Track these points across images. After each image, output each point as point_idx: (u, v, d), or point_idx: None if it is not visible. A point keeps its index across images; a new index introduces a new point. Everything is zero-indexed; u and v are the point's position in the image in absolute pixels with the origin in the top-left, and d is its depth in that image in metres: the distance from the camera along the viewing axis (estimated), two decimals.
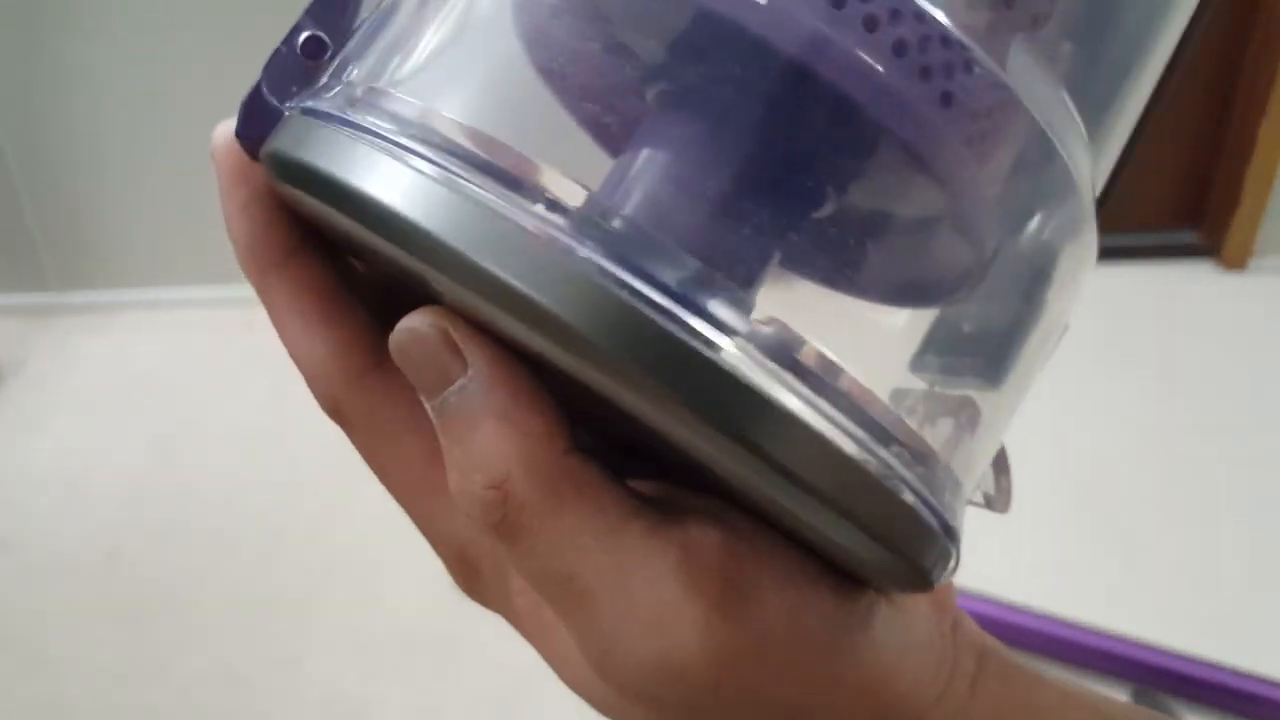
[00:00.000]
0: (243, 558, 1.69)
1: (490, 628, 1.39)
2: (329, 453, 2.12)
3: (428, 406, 0.19)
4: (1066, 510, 1.72)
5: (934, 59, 0.16)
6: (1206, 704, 1.40)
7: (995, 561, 1.29)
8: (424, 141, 0.16)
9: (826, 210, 0.17)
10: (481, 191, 0.15)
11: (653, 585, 0.18)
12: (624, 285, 0.15)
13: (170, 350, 2.27)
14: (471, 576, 0.22)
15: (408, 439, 0.21)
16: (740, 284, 0.16)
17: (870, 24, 0.16)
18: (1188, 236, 2.49)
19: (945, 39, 0.16)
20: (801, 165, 0.16)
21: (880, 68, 0.16)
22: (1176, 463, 1.83)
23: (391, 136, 0.16)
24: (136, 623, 1.58)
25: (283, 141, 0.19)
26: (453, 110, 0.17)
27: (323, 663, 1.50)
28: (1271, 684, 1.37)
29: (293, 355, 0.22)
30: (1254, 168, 2.30)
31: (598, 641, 0.19)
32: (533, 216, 0.15)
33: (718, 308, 0.15)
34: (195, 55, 2.12)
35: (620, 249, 0.15)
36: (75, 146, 2.24)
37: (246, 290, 0.26)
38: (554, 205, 0.15)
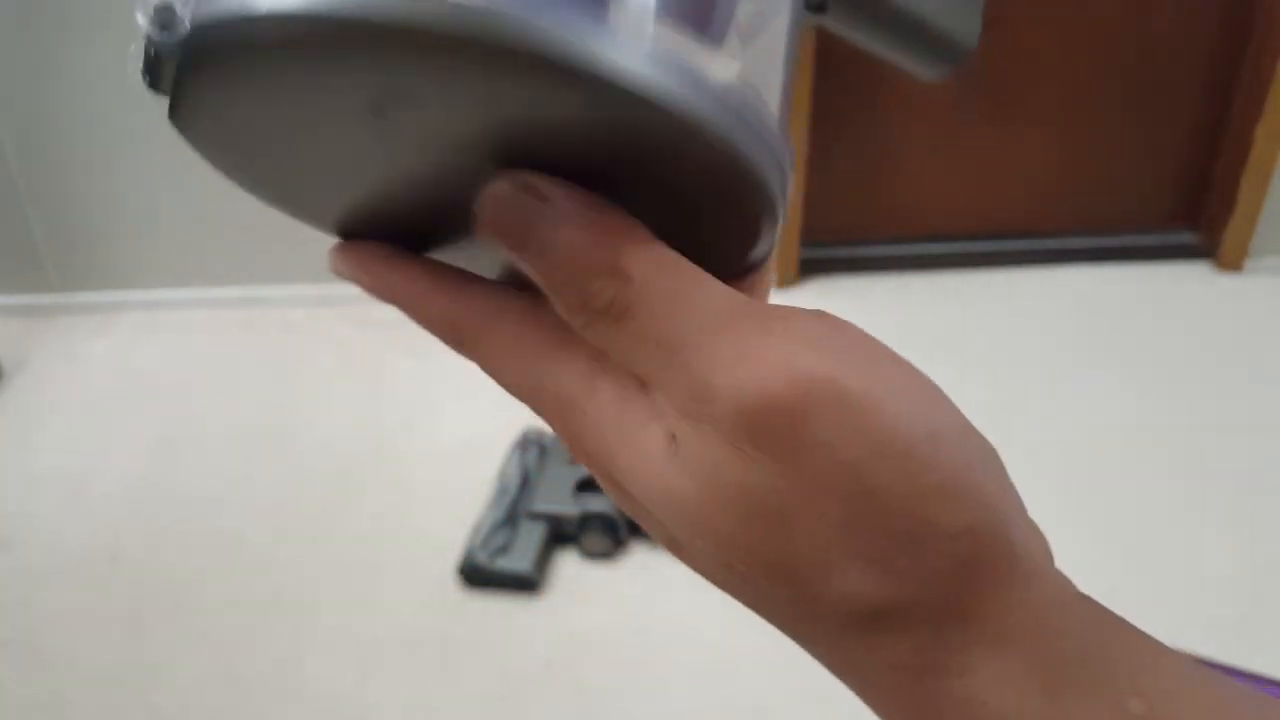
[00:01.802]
0: (243, 558, 1.69)
1: (491, 627, 1.41)
2: (329, 454, 2.14)
3: (525, 261, 0.21)
4: (1064, 509, 1.73)
5: None
6: None
7: None
8: None
9: None
10: None
11: (741, 325, 0.20)
12: None
13: (171, 351, 2.27)
14: (569, 416, 0.23)
15: (510, 315, 0.23)
16: None
17: None
18: (1184, 238, 2.50)
19: None
20: None
21: None
22: (1173, 462, 1.84)
23: None
24: (137, 622, 1.58)
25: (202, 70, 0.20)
26: None
27: (323, 663, 1.50)
28: (1269, 682, 1.37)
29: (413, 308, 0.25)
30: (1250, 170, 2.31)
31: (692, 386, 0.20)
32: None
33: None
34: None
35: None
36: (78, 149, 2.25)
37: (247, 291, 0.27)
38: None
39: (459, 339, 0.24)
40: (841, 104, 2.31)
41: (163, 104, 0.21)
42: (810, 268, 2.45)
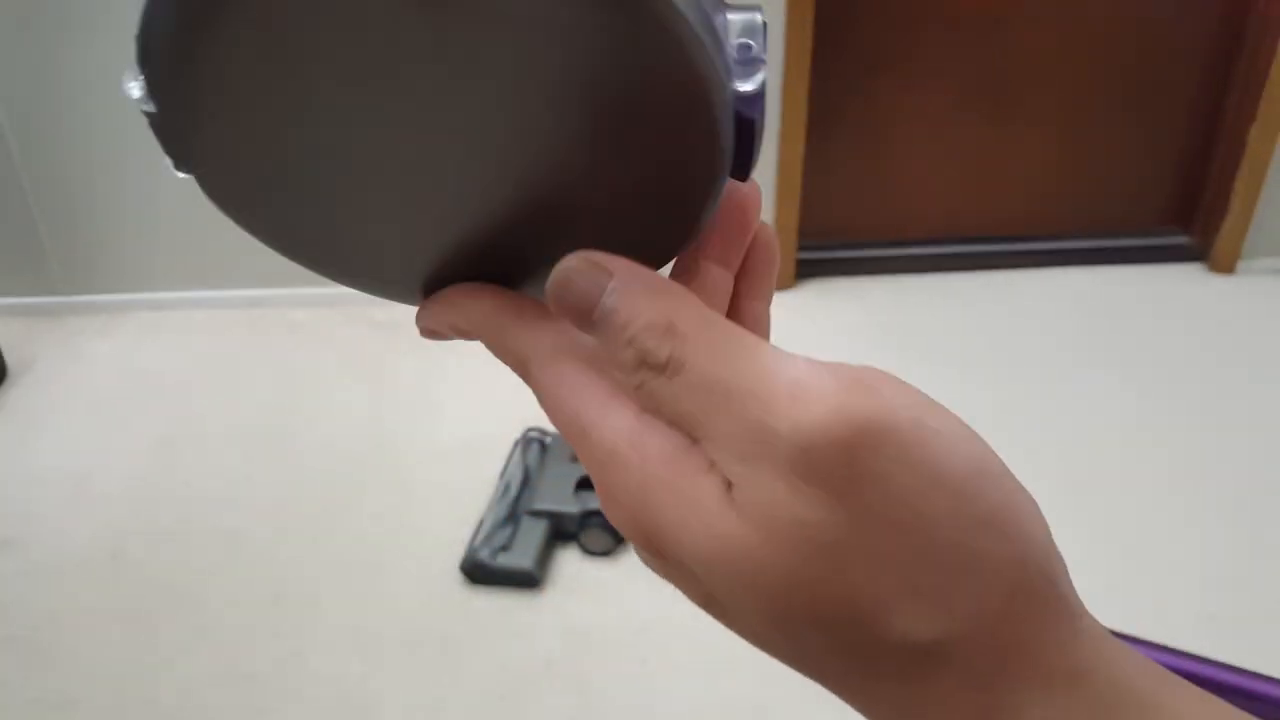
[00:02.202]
0: (247, 556, 1.70)
1: (493, 624, 1.43)
2: (332, 453, 2.16)
3: (590, 328, 0.23)
4: (1060, 509, 1.74)
5: None
6: None
7: None
8: None
9: None
10: None
11: (792, 370, 0.22)
12: None
13: (175, 351, 2.28)
14: (609, 463, 0.24)
15: (571, 358, 0.25)
16: None
17: None
18: (1178, 240, 2.52)
19: None
20: None
21: None
22: (1168, 461, 1.85)
23: None
24: (142, 620, 1.59)
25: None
26: None
27: (325, 661, 1.51)
28: (1265, 680, 1.38)
29: (490, 338, 0.27)
30: (1243, 173, 2.33)
31: (749, 428, 0.21)
32: None
33: None
34: None
35: None
36: (83, 151, 2.26)
37: (250, 292, 0.30)
38: None
39: (524, 372, 0.26)
40: (840, 105, 2.33)
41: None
42: (808, 269, 2.46)
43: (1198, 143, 2.42)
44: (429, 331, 0.28)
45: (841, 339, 2.26)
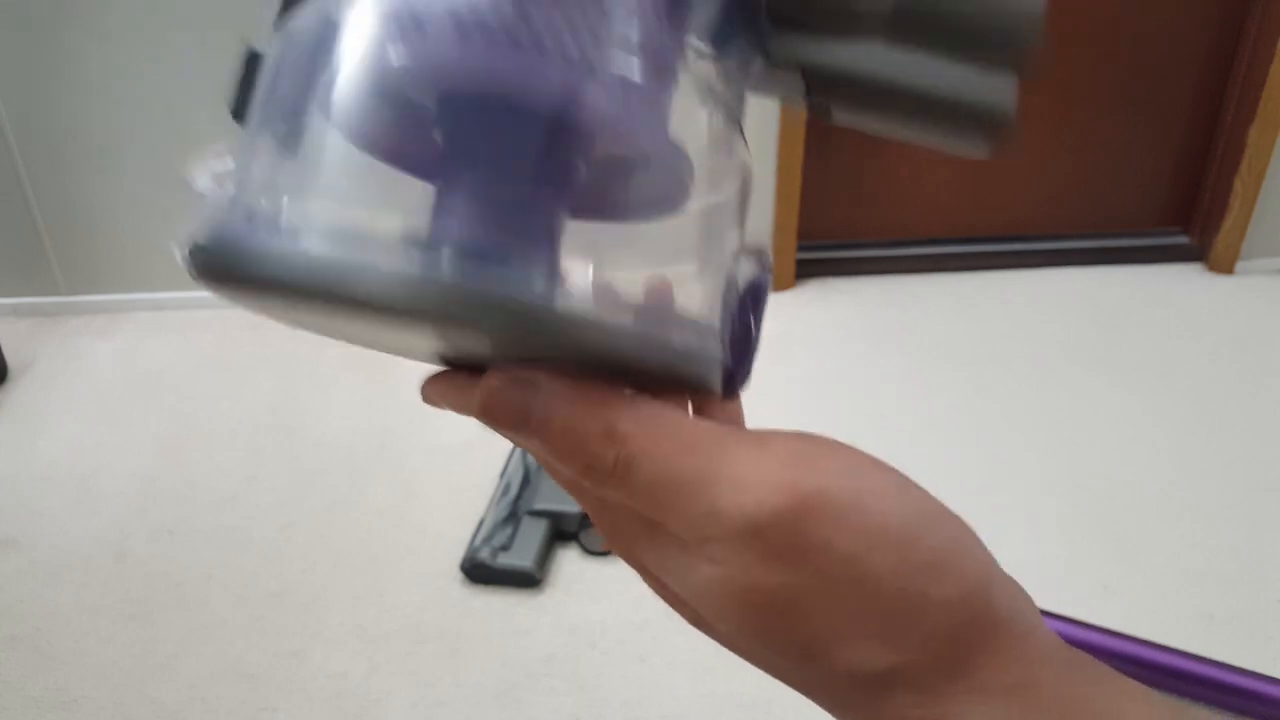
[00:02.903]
0: (249, 554, 1.71)
1: (494, 623, 1.43)
2: (334, 450, 2.15)
3: (527, 442, 0.24)
4: (1057, 508, 1.75)
5: (635, 91, 0.23)
6: (1197, 699, 1.41)
7: None
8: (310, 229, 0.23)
9: (586, 180, 0.24)
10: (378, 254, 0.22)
11: (730, 455, 0.23)
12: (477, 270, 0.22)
13: (177, 350, 2.29)
14: (613, 536, 0.27)
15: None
16: (544, 250, 0.23)
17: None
18: (1178, 240, 2.52)
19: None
20: (563, 167, 0.24)
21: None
22: (1166, 461, 1.86)
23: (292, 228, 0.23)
24: (143, 619, 1.60)
25: (218, 254, 0.24)
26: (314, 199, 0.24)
27: (328, 659, 1.51)
28: (1263, 679, 1.38)
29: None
30: (1243, 173, 2.33)
31: (703, 516, 0.23)
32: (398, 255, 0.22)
33: (536, 271, 0.23)
34: (205, 60, 2.14)
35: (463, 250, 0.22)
36: (84, 151, 2.26)
37: None
38: (404, 247, 0.22)
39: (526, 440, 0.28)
40: None
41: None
42: (807, 269, 2.47)
43: (1198, 143, 2.42)
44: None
45: (841, 339, 2.26)
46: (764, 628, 0.24)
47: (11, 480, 1.91)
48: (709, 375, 0.25)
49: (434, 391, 0.29)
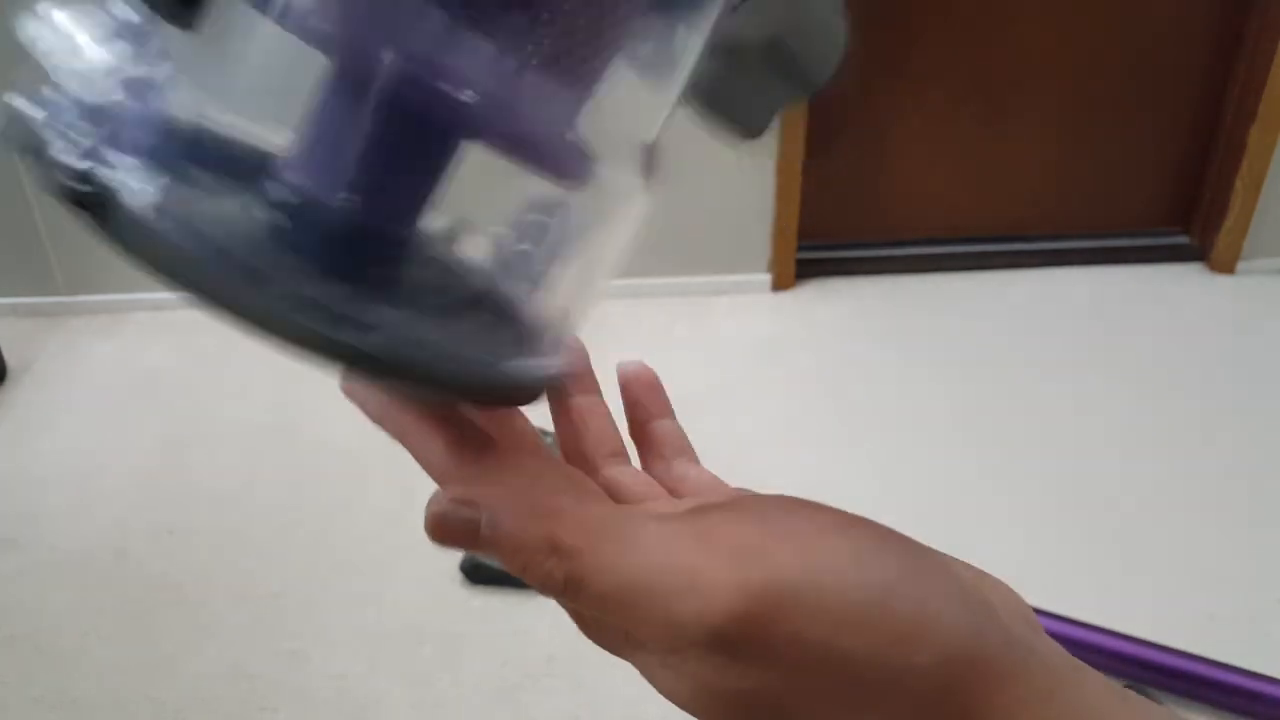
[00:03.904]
0: (250, 554, 1.71)
1: (494, 623, 1.43)
2: (334, 451, 2.15)
3: (482, 554, 0.25)
4: (1057, 509, 1.75)
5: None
6: (1198, 699, 1.41)
7: (989, 559, 1.31)
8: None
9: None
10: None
11: (680, 559, 0.23)
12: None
13: (178, 351, 2.29)
14: (591, 634, 0.29)
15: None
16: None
17: None
18: (1178, 240, 2.52)
19: None
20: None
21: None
22: (1168, 461, 1.86)
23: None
24: (145, 619, 1.60)
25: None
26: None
27: (328, 658, 1.51)
28: (1263, 679, 1.38)
29: (429, 469, 0.30)
30: (1244, 173, 2.33)
31: (662, 629, 0.23)
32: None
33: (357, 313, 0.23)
34: None
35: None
36: None
37: None
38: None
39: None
40: (837, 106, 2.33)
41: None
42: (807, 269, 2.47)
43: (1198, 143, 2.42)
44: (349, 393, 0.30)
45: (841, 339, 2.26)
46: None
47: (10, 481, 1.91)
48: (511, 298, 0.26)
49: (349, 389, 0.29)
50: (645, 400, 0.33)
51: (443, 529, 0.25)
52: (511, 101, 0.24)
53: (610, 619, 0.25)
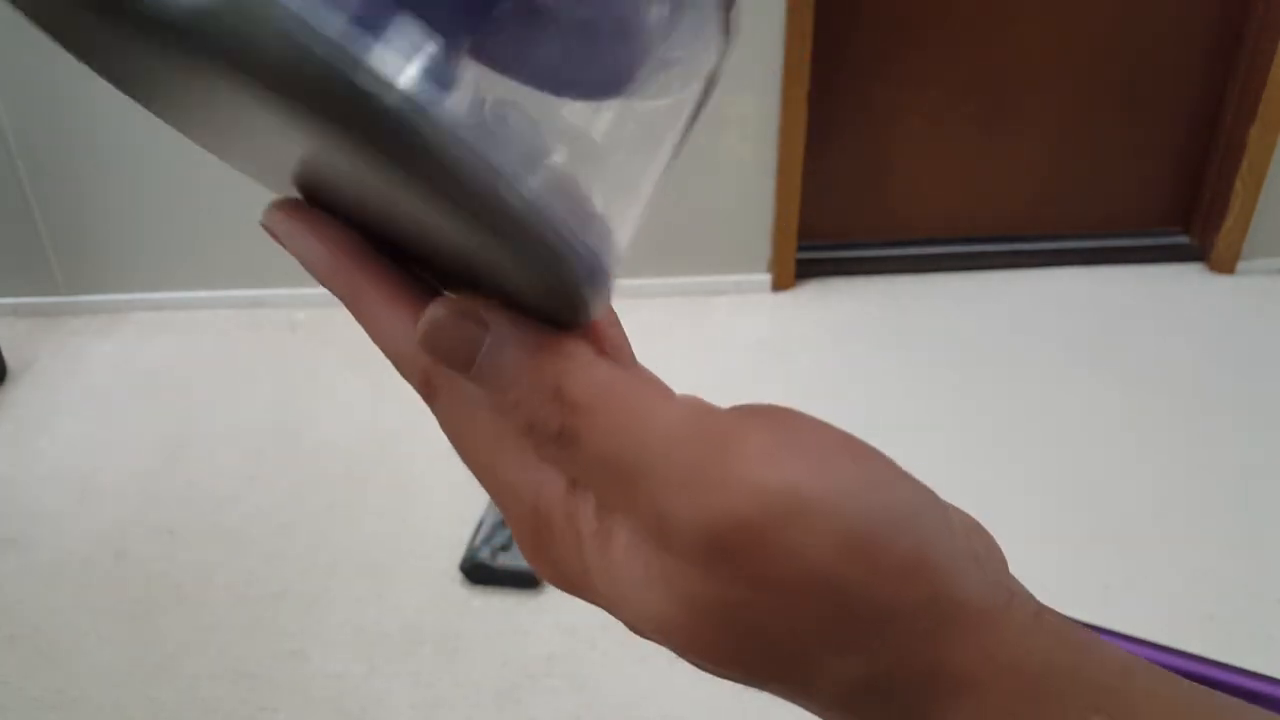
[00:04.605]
0: (249, 555, 1.71)
1: (494, 623, 1.43)
2: (334, 452, 2.16)
3: (473, 383, 0.22)
4: (1059, 507, 1.75)
5: None
6: None
7: None
8: None
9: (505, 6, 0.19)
10: None
11: (690, 448, 0.21)
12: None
13: (177, 351, 2.29)
14: (543, 529, 0.24)
15: (482, 405, 0.24)
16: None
17: None
18: (1178, 240, 2.52)
19: None
20: None
21: None
22: (1169, 461, 1.86)
23: None
24: (145, 619, 1.60)
25: None
26: None
27: (328, 659, 1.52)
28: (1263, 679, 1.39)
29: (384, 342, 0.25)
30: (1243, 173, 2.33)
31: (653, 518, 0.21)
32: None
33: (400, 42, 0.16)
34: None
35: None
36: (84, 150, 2.26)
37: (252, 292, 0.29)
38: None
39: (430, 393, 0.24)
40: (837, 106, 2.33)
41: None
42: (806, 269, 2.47)
43: (1198, 143, 2.42)
44: (269, 230, 0.25)
45: (841, 339, 2.26)
46: (731, 651, 0.22)
47: (10, 481, 1.91)
48: (586, 279, 0.20)
49: (277, 218, 0.24)
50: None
51: (437, 339, 0.22)
52: None
53: (594, 482, 0.22)
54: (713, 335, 2.29)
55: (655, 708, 1.43)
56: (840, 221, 2.50)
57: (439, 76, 0.16)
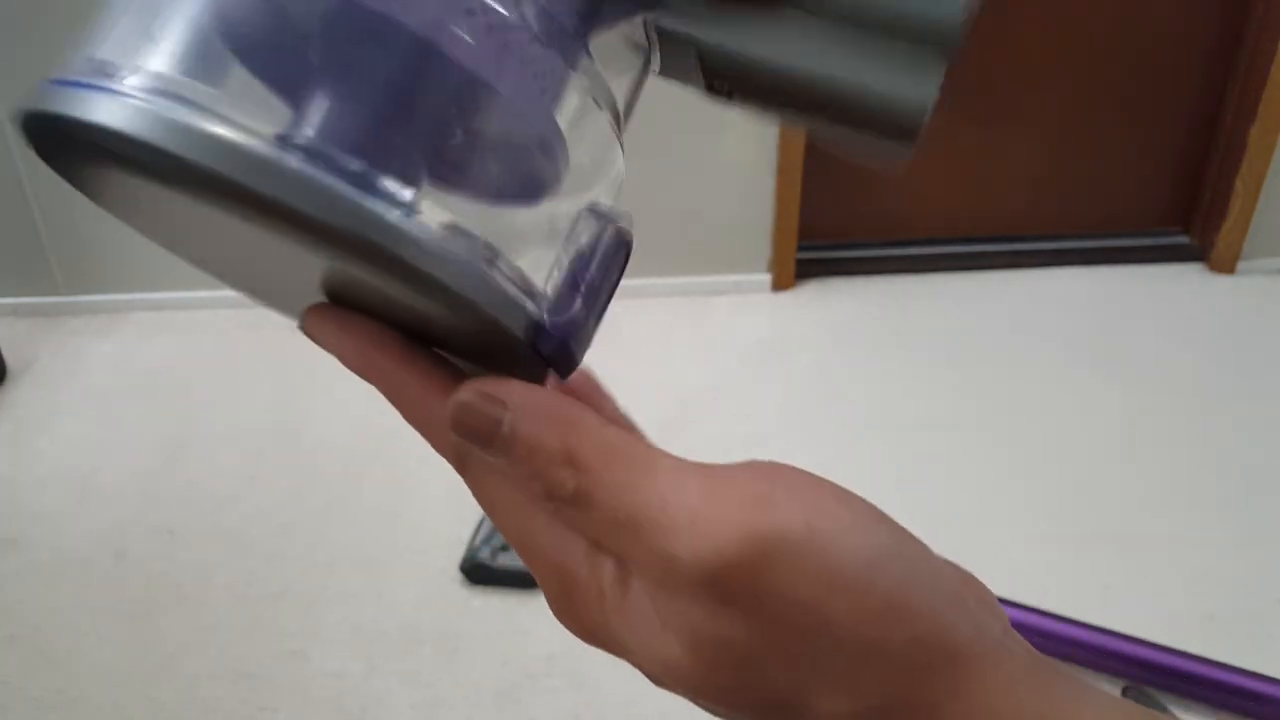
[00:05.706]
0: (249, 555, 1.71)
1: (494, 623, 1.43)
2: (334, 452, 2.15)
3: (493, 456, 0.25)
4: (1059, 507, 1.75)
5: (510, 38, 0.24)
6: (1197, 699, 1.42)
7: (990, 558, 1.31)
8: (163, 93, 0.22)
9: (455, 140, 0.24)
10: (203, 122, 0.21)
11: (689, 496, 0.23)
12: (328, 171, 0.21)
13: (177, 351, 2.29)
14: (569, 587, 0.26)
15: (508, 475, 0.27)
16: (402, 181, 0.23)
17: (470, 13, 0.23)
18: (1178, 240, 2.52)
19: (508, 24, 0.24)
20: (431, 110, 0.23)
21: (472, 40, 0.23)
22: (1169, 461, 1.86)
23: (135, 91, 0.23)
24: (144, 619, 1.60)
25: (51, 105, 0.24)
26: (167, 68, 0.23)
27: (327, 659, 1.51)
28: (1262, 679, 1.39)
29: (418, 423, 0.28)
30: (1244, 173, 2.33)
31: (659, 562, 0.23)
32: (250, 136, 0.21)
33: (386, 189, 0.22)
34: None
35: (315, 152, 0.22)
36: None
37: None
38: (253, 132, 0.21)
39: (463, 468, 0.27)
40: None
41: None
42: (806, 269, 2.47)
43: (1198, 143, 2.43)
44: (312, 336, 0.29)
45: (841, 339, 2.26)
46: (730, 686, 0.24)
47: (11, 480, 1.91)
48: (538, 340, 0.24)
49: (314, 324, 0.28)
50: (585, 392, 0.32)
51: (464, 421, 0.24)
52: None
53: (609, 539, 0.24)
54: (713, 335, 2.29)
55: (655, 707, 1.43)
56: (840, 221, 2.50)
57: (410, 209, 0.22)
